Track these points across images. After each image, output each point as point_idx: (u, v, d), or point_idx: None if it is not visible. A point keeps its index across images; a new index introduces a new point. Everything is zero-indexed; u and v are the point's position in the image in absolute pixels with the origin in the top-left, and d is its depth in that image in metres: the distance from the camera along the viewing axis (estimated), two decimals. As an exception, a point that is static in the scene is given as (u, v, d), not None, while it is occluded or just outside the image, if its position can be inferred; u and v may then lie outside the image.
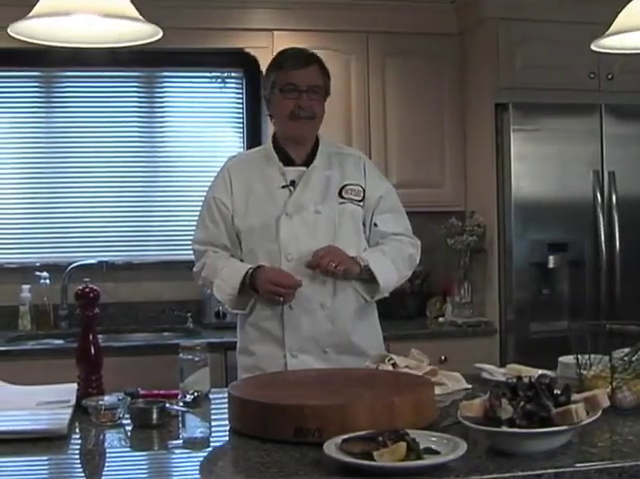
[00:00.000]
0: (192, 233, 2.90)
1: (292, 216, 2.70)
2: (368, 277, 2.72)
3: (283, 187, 2.73)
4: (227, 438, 1.95)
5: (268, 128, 4.31)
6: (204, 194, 2.88)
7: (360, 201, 2.77)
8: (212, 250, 2.79)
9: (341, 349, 2.71)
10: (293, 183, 2.73)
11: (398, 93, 4.41)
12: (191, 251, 2.88)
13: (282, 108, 2.73)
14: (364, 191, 2.78)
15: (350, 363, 2.63)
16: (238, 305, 2.74)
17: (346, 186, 2.77)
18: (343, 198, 2.75)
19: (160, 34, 2.20)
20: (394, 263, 2.77)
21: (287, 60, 2.76)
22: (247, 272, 2.66)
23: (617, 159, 4.19)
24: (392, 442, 1.60)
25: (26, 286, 4.23)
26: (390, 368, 2.38)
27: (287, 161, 2.77)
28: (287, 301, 2.65)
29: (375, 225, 2.80)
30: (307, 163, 2.77)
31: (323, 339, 2.70)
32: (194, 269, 2.85)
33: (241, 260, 2.76)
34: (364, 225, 2.81)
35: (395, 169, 4.37)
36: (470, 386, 2.39)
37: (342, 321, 2.72)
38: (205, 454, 1.85)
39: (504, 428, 1.70)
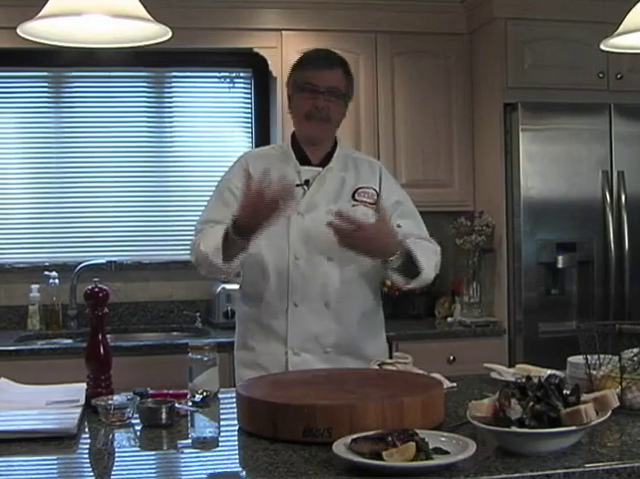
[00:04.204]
0: None
1: (304, 214, 2.67)
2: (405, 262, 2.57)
3: (297, 185, 2.69)
4: (236, 438, 1.95)
5: (277, 127, 4.32)
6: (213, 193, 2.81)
7: (373, 204, 2.71)
8: (210, 226, 2.63)
9: (342, 350, 2.68)
10: (307, 182, 2.71)
11: (406, 92, 4.41)
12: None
13: (299, 107, 2.72)
14: (378, 194, 2.75)
15: (351, 365, 2.61)
16: (223, 260, 2.49)
17: (360, 188, 2.74)
18: (356, 200, 2.72)
19: (170, 34, 2.21)
20: (429, 256, 2.68)
21: (310, 60, 2.75)
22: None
23: (626, 158, 4.18)
24: (401, 442, 1.59)
25: (35, 286, 4.24)
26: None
27: (304, 160, 2.75)
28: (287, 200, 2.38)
29: (398, 226, 2.72)
30: (323, 164, 2.75)
31: (325, 339, 2.67)
32: (191, 245, 2.67)
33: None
34: None
35: (403, 168, 4.37)
36: (454, 384, 2.38)
37: (347, 322, 2.69)
38: (214, 454, 1.86)
39: (514, 428, 1.70)
